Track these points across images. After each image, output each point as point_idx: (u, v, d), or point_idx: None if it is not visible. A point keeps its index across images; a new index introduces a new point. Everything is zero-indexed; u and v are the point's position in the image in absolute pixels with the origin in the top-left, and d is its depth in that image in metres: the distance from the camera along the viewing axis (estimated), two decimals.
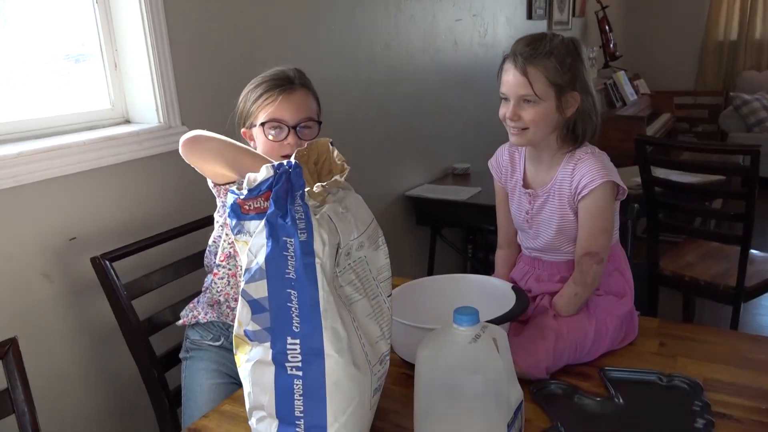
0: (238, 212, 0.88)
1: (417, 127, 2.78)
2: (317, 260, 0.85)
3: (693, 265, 2.41)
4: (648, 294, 2.45)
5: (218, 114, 1.68)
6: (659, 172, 2.53)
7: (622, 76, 4.58)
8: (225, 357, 1.30)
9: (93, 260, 1.29)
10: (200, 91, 1.70)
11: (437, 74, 2.88)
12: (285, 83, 1.29)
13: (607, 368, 1.14)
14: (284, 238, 0.85)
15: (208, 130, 1.69)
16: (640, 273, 1.53)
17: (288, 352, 0.86)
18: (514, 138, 1.24)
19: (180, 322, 1.34)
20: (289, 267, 0.85)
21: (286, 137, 1.28)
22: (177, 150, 1.18)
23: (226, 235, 1.26)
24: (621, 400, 1.05)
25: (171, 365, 1.39)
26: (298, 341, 0.86)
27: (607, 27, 4.71)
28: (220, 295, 1.29)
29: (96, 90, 1.60)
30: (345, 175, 0.99)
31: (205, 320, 1.31)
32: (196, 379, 1.28)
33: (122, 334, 1.32)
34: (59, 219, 1.41)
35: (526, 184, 1.31)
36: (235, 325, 0.90)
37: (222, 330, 1.32)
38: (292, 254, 0.85)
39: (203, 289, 1.33)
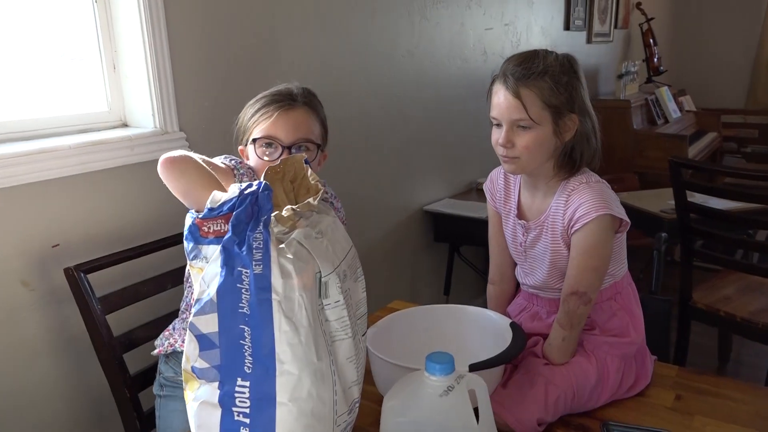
0: (196, 234, 0.79)
1: (439, 139, 2.67)
2: (274, 296, 0.76)
3: (730, 299, 2.23)
4: (679, 329, 2.28)
5: (218, 121, 1.62)
6: (697, 197, 2.36)
7: (665, 92, 4.36)
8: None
9: (66, 271, 1.22)
10: (200, 96, 1.63)
11: (463, 84, 2.76)
12: (285, 99, 1.22)
13: (610, 423, 1.01)
14: (239, 269, 0.76)
15: (207, 136, 1.65)
16: (660, 309, 1.38)
17: (236, 395, 0.77)
18: (507, 167, 1.12)
19: (155, 351, 1.25)
20: (243, 301, 0.76)
21: (279, 157, 1.18)
22: None
23: None
24: None
25: (147, 384, 1.31)
26: (248, 384, 0.76)
27: (651, 40, 4.50)
28: None
29: (93, 92, 1.55)
30: (319, 198, 0.89)
31: (183, 348, 1.21)
32: (171, 424, 1.19)
33: (94, 350, 1.25)
34: (42, 225, 1.35)
35: (520, 214, 1.20)
36: (183, 359, 0.81)
37: None
38: (247, 287, 0.76)
39: (180, 311, 1.25)
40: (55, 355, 1.39)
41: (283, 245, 0.78)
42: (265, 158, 1.19)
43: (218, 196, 0.79)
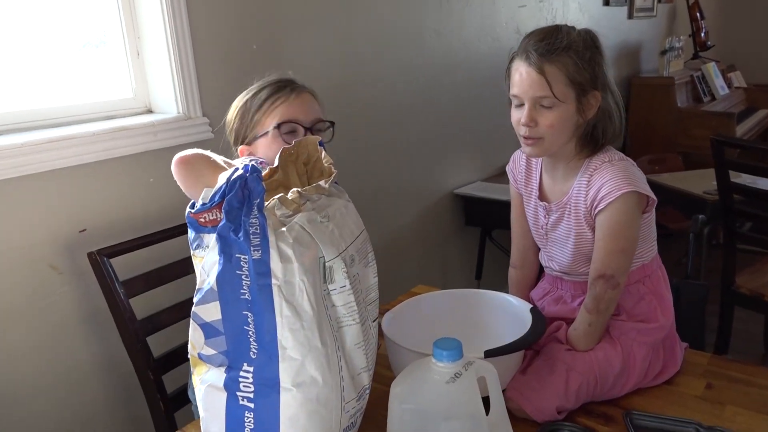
0: (195, 225, 0.78)
1: (470, 121, 2.62)
2: (274, 281, 0.75)
3: None
4: (721, 315, 2.18)
5: None
6: (745, 178, 2.24)
7: (712, 68, 4.17)
8: None
9: (90, 255, 1.24)
10: (223, 82, 1.63)
11: (495, 64, 2.68)
12: (291, 84, 1.19)
13: (634, 412, 0.97)
14: (237, 255, 0.75)
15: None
16: (695, 296, 1.32)
17: (240, 380, 0.77)
18: (529, 149, 1.08)
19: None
20: (244, 287, 0.75)
21: None
22: (195, 142, 1.10)
23: None
24: None
25: (170, 367, 1.33)
26: (252, 369, 0.76)
27: (698, 14, 4.30)
28: None
29: (118, 79, 1.56)
30: (331, 181, 0.88)
31: None
32: None
33: (119, 333, 1.27)
34: (69, 210, 1.38)
35: (542, 195, 1.15)
36: (189, 345, 0.81)
37: None
38: (247, 273, 0.75)
39: None
40: (82, 336, 1.42)
41: (284, 229, 0.77)
42: (288, 143, 1.16)
43: (211, 190, 0.78)
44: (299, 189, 0.82)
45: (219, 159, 0.94)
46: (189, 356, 0.83)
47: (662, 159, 3.32)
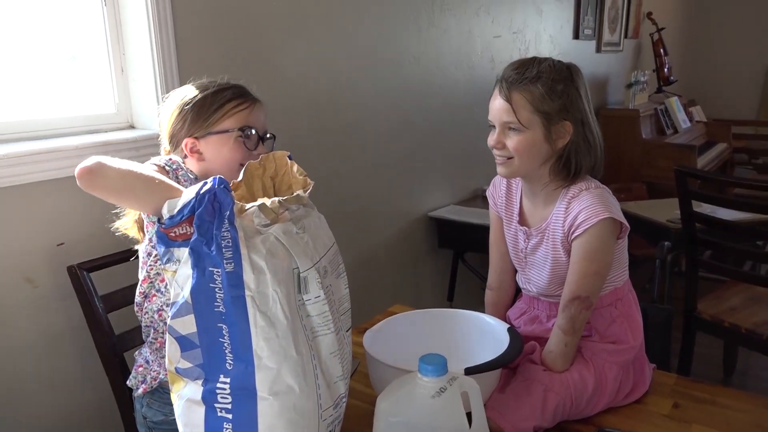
0: (165, 239, 0.79)
1: (445, 145, 2.68)
2: (247, 292, 0.76)
3: (735, 310, 2.21)
4: (683, 339, 2.26)
5: None
6: (705, 208, 2.34)
7: (674, 102, 4.35)
8: None
9: (69, 269, 1.24)
10: None
11: (470, 91, 2.77)
12: (249, 93, 1.22)
13: (606, 430, 1.01)
14: (210, 269, 0.76)
15: None
16: (661, 319, 1.38)
17: (218, 392, 0.78)
18: (500, 168, 1.14)
19: (139, 391, 1.16)
20: (218, 300, 0.77)
21: (255, 147, 1.19)
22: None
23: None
24: None
25: None
26: (228, 380, 0.77)
27: (662, 50, 4.49)
28: None
29: (101, 94, 1.57)
30: (309, 191, 0.90)
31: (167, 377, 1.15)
32: None
33: (96, 348, 1.26)
34: (48, 223, 1.37)
35: (522, 220, 1.20)
36: (166, 361, 0.82)
37: None
38: (220, 286, 0.76)
39: (149, 343, 1.17)
40: (57, 352, 1.40)
41: (258, 240, 0.78)
42: (246, 147, 1.17)
43: (174, 203, 0.79)
44: (280, 198, 0.84)
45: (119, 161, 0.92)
46: (167, 373, 0.84)
47: (628, 188, 3.44)
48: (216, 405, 0.77)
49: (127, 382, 1.19)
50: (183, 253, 0.78)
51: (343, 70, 2.09)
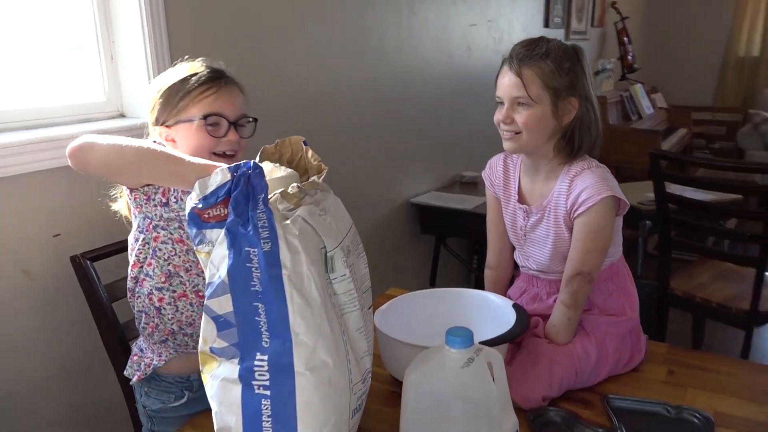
0: (198, 221, 0.81)
1: (426, 133, 2.71)
2: (284, 271, 0.78)
3: (705, 286, 2.32)
4: (657, 315, 2.36)
5: None
6: (673, 188, 2.45)
7: (639, 89, 4.49)
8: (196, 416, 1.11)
9: (73, 259, 1.23)
10: None
11: (449, 79, 2.81)
12: (221, 76, 1.16)
13: (610, 396, 1.07)
14: (247, 249, 0.78)
15: None
16: (646, 293, 1.45)
17: (255, 369, 0.79)
18: (507, 143, 1.18)
19: (134, 380, 1.16)
20: (254, 279, 0.78)
21: (225, 134, 1.14)
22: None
23: (159, 250, 1.09)
24: None
25: None
26: (266, 357, 0.79)
27: (626, 38, 4.62)
28: (171, 324, 1.12)
29: (91, 82, 1.54)
30: (323, 176, 0.92)
31: (161, 362, 1.14)
32: None
33: (101, 338, 1.26)
34: (43, 214, 1.35)
35: (521, 199, 1.24)
36: (200, 342, 0.83)
37: (181, 383, 1.17)
38: (257, 265, 0.78)
39: (140, 328, 1.17)
40: (58, 345, 1.39)
41: (288, 222, 0.81)
42: (211, 135, 1.13)
43: (205, 184, 0.80)
44: (299, 184, 0.86)
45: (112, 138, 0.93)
46: (199, 354, 0.85)
47: None
48: (253, 382, 0.79)
49: (124, 372, 1.19)
50: (215, 234, 0.79)
51: (328, 58, 2.10)
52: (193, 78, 1.14)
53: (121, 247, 1.33)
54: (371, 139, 2.38)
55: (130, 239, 1.13)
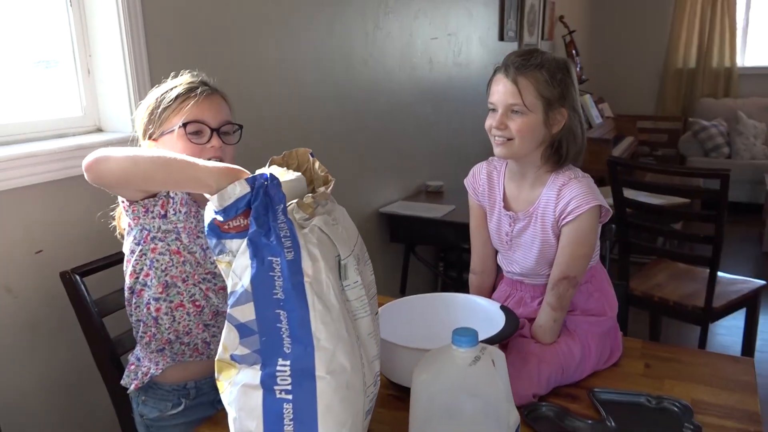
0: (218, 232, 0.83)
1: (392, 144, 2.77)
2: (306, 279, 0.82)
3: (662, 286, 2.45)
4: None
5: None
6: (627, 194, 2.58)
7: (588, 99, 4.68)
8: (193, 424, 1.14)
9: (62, 275, 1.21)
10: None
11: (412, 91, 2.88)
12: (202, 86, 1.17)
13: (596, 390, 1.13)
14: (269, 258, 0.81)
15: None
16: (620, 294, 1.53)
17: (277, 374, 0.82)
18: (499, 149, 1.22)
19: (131, 388, 1.16)
20: (277, 287, 0.81)
21: (208, 140, 1.14)
22: None
23: (156, 261, 1.10)
24: (613, 423, 1.04)
25: None
26: (288, 363, 0.82)
27: (574, 51, 4.82)
28: (169, 333, 1.13)
29: (67, 97, 1.53)
30: (331, 187, 0.96)
31: (158, 371, 1.15)
32: None
33: (92, 354, 1.24)
34: (25, 231, 1.33)
35: (506, 206, 1.29)
36: (219, 350, 0.85)
37: (178, 391, 1.18)
38: (279, 274, 0.81)
39: (138, 338, 1.18)
40: (37, 360, 1.36)
41: (306, 231, 0.84)
42: (193, 142, 1.13)
43: (224, 196, 0.81)
44: (312, 195, 0.89)
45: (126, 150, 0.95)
46: (216, 362, 0.87)
47: None
48: (275, 387, 0.81)
49: (121, 382, 1.19)
50: (235, 244, 0.82)
51: (301, 70, 2.13)
52: (174, 90, 1.16)
53: (110, 262, 1.32)
54: (341, 150, 2.41)
55: (126, 251, 1.14)
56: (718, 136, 5.13)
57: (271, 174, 0.83)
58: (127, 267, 1.13)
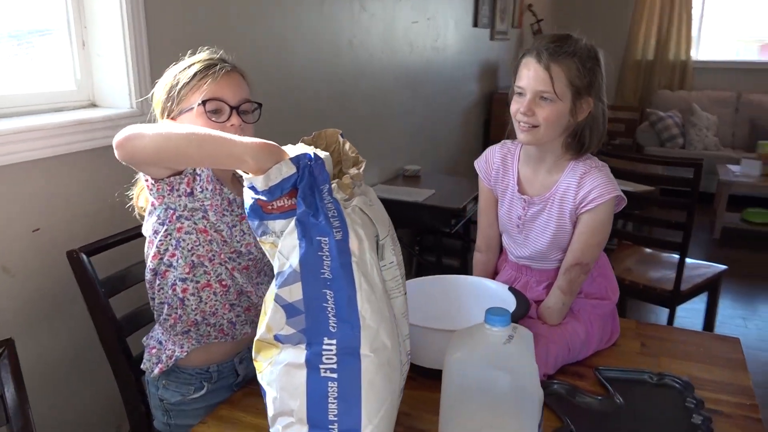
0: (260, 213, 0.83)
1: (373, 127, 2.78)
2: (353, 258, 0.83)
3: (632, 270, 2.56)
4: None
5: None
6: None
7: None
8: (212, 408, 1.11)
9: (69, 254, 1.18)
10: None
11: (392, 75, 2.89)
12: (221, 62, 1.14)
13: (601, 368, 1.19)
14: (318, 238, 0.81)
15: None
16: None
17: (323, 353, 0.83)
18: (523, 135, 1.20)
19: (156, 371, 1.14)
20: (325, 267, 0.82)
21: (228, 119, 1.11)
22: None
23: (183, 241, 1.08)
24: (620, 399, 1.10)
25: None
26: (334, 342, 0.83)
27: None
28: (195, 315, 1.12)
29: (60, 70, 1.47)
30: (362, 167, 0.96)
31: (183, 354, 1.14)
32: None
33: (98, 334, 1.22)
34: (21, 209, 1.29)
35: (520, 189, 1.30)
36: (261, 329, 0.85)
37: (201, 375, 1.17)
38: (328, 254, 0.81)
39: (160, 320, 1.16)
40: (34, 341, 1.33)
41: (349, 210, 0.85)
42: (213, 120, 1.10)
43: (269, 176, 0.81)
44: (350, 175, 0.90)
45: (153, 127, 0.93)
46: (255, 342, 0.87)
47: None
48: (321, 366, 0.82)
49: (141, 366, 1.17)
50: (278, 225, 0.82)
51: (291, 51, 2.10)
52: (191, 67, 1.13)
53: (117, 240, 1.29)
54: None
55: (147, 231, 1.11)
56: (673, 127, 5.34)
57: (315, 154, 0.83)
58: (150, 248, 1.10)
